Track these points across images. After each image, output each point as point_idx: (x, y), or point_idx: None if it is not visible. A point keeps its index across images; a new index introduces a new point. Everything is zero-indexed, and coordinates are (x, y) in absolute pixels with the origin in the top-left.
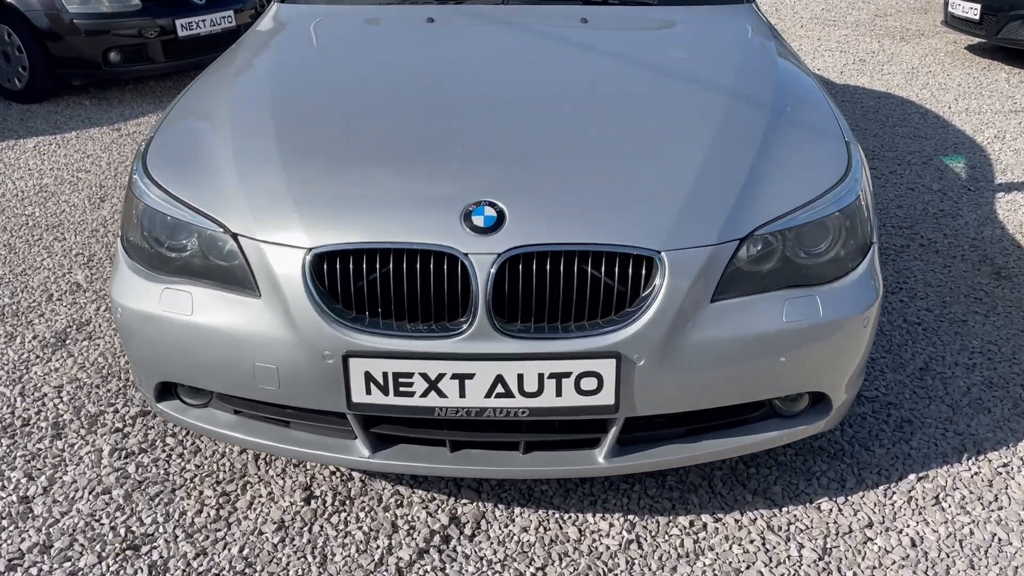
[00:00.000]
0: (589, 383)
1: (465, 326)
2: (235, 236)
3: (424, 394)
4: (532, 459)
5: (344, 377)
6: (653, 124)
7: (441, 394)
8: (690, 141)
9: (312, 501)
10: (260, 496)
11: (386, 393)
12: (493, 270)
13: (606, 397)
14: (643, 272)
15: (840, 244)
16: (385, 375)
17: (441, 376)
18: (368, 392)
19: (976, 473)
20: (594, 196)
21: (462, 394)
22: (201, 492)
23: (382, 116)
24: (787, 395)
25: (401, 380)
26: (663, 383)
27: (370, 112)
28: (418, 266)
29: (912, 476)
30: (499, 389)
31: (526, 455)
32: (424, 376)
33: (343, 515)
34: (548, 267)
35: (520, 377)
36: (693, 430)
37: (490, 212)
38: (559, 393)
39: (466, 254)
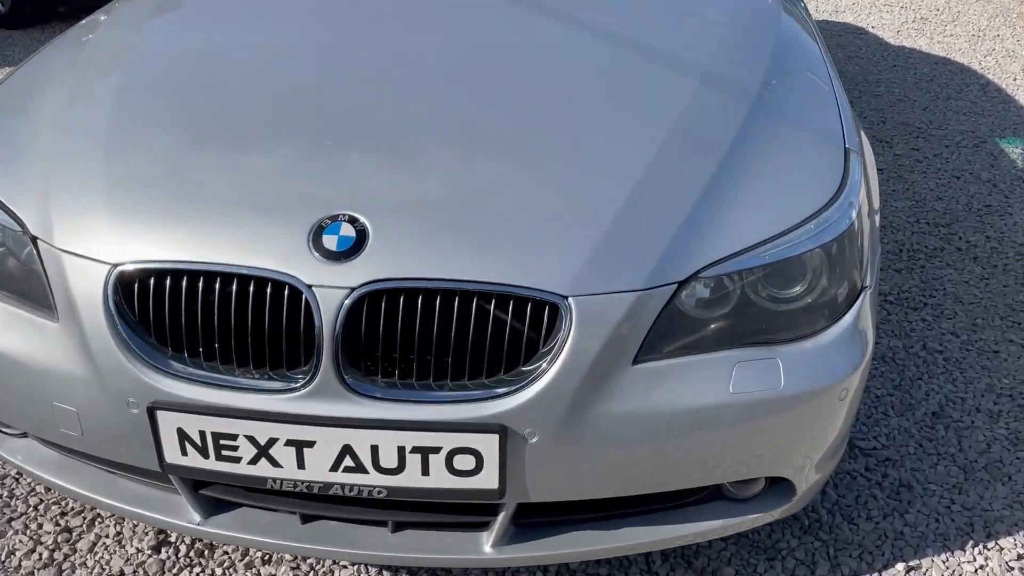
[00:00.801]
0: (465, 462)
1: (303, 380)
2: (34, 239)
3: (253, 461)
4: (403, 541)
5: (152, 433)
6: (588, 119)
7: (274, 463)
8: (632, 145)
9: (163, 549)
10: (106, 538)
11: (205, 456)
12: (343, 309)
13: (487, 480)
14: (544, 322)
15: (819, 290)
16: (203, 435)
17: (273, 442)
18: (184, 453)
19: (982, 567)
20: (489, 216)
21: (300, 465)
22: (40, 526)
23: (244, 96)
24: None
25: (223, 443)
26: (564, 465)
27: (231, 92)
28: (250, 297)
29: (900, 566)
30: (348, 462)
31: (396, 535)
32: (251, 440)
33: (196, 572)
34: (419, 308)
35: (374, 450)
36: (614, 513)
37: (347, 231)
38: (425, 472)
39: (309, 286)
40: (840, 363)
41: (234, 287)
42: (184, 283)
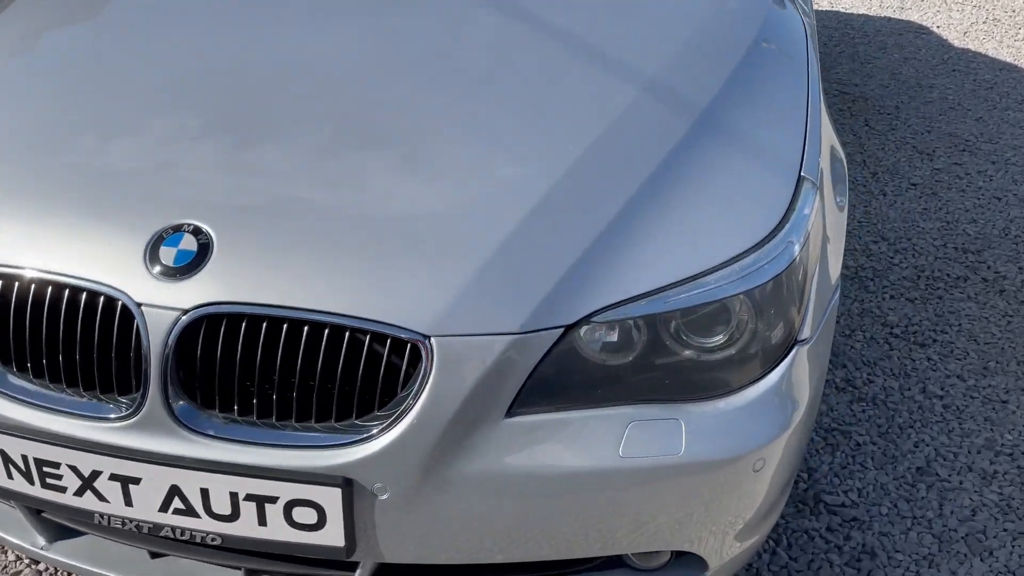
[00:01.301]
0: (305, 515)
1: (128, 409)
2: None
3: (78, 493)
4: None
5: None
6: (498, 128)
7: (100, 497)
8: (540, 163)
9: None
10: None
11: (30, 483)
12: (174, 333)
13: (332, 536)
14: (404, 363)
15: (739, 343)
16: (25, 459)
17: (97, 474)
18: (9, 476)
19: None
20: (353, 237)
21: (128, 502)
22: None
23: (109, 93)
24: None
25: (47, 470)
26: (423, 527)
27: (94, 88)
28: (81, 311)
29: None
30: (177, 504)
31: None
32: (74, 470)
33: None
34: (261, 338)
35: (204, 493)
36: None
37: (188, 244)
38: (262, 522)
39: (139, 304)
40: (756, 429)
41: (65, 298)
42: (15, 289)
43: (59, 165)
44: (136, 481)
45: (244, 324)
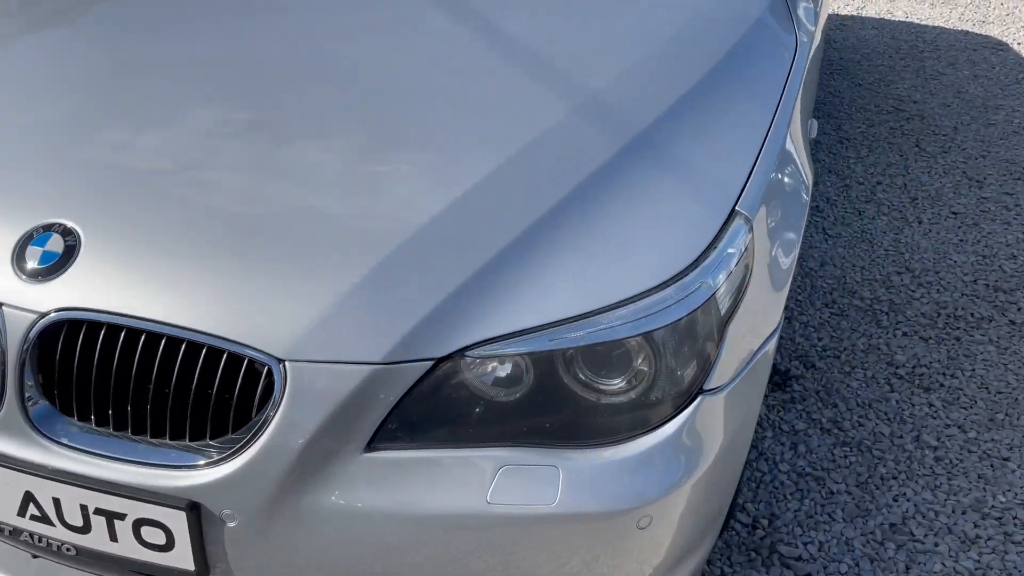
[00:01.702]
0: (154, 535)
1: None
2: None
3: None
4: None
5: None
6: (407, 140)
7: None
8: (442, 181)
9: None
10: None
11: None
12: (31, 336)
13: (181, 559)
14: (259, 387)
15: (639, 387)
16: None
17: None
18: None
19: None
20: (224, 248)
21: None
22: None
23: (12, 88)
24: None
25: None
26: (275, 559)
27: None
28: None
29: None
30: (33, 510)
31: None
32: None
33: None
34: (119, 347)
35: (57, 503)
36: None
37: (55, 245)
38: (113, 538)
39: (1, 304)
40: (643, 484)
41: None
42: None
43: None
44: None
45: (103, 332)
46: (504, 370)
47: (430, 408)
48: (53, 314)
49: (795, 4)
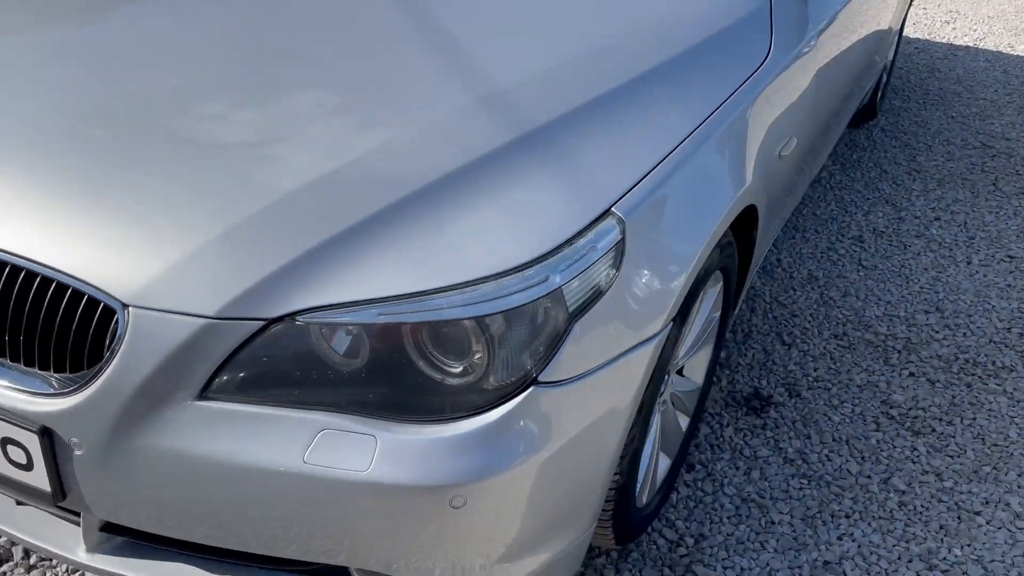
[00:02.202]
0: (17, 454)
1: None
2: None
3: None
4: (25, 515)
5: None
6: (300, 110)
7: None
8: (320, 153)
9: None
10: None
11: None
12: None
13: (39, 480)
14: (111, 328)
15: (476, 372)
16: None
17: None
18: None
19: None
20: (95, 196)
21: None
22: None
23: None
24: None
25: None
26: (120, 492)
27: None
28: None
29: None
30: None
31: (20, 507)
32: None
33: None
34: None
35: None
36: (227, 558)
37: None
38: None
39: None
40: (459, 464)
41: None
42: None
43: None
44: None
45: None
46: (341, 339)
47: (263, 366)
48: None
49: (783, 20)
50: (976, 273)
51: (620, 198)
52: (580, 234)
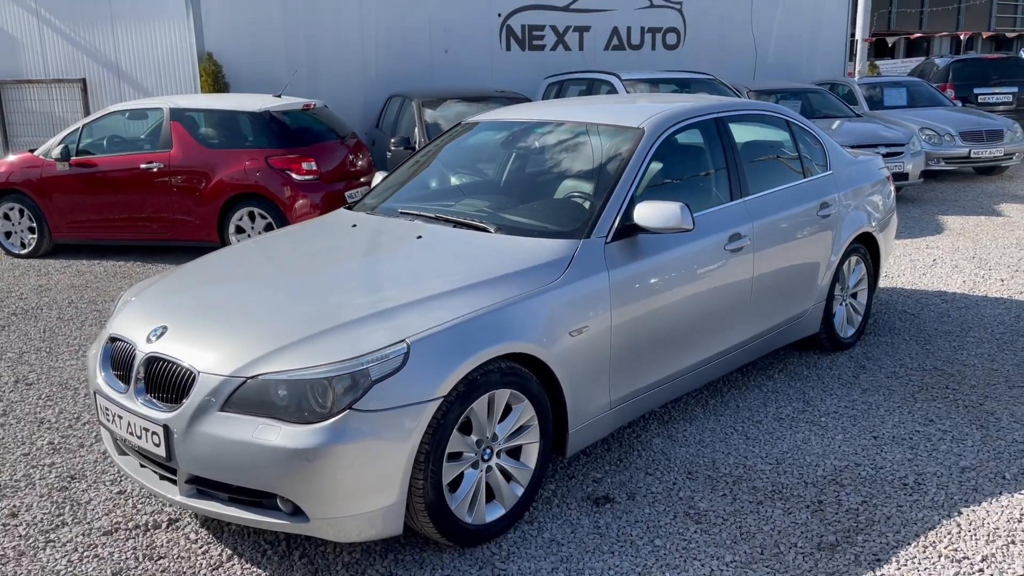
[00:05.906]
0: (152, 437)
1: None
2: None
3: None
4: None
5: None
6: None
7: None
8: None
9: None
10: None
11: None
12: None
13: (161, 451)
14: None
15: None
16: None
17: None
18: None
19: None
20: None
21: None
22: None
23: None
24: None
25: None
26: (191, 455)
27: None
28: None
29: None
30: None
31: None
32: None
33: None
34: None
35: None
36: (234, 498)
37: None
38: (135, 434)
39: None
40: (312, 440)
41: None
42: None
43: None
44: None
45: None
46: (278, 388)
47: (243, 396)
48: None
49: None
50: (835, 437)
51: (414, 334)
52: (387, 347)
